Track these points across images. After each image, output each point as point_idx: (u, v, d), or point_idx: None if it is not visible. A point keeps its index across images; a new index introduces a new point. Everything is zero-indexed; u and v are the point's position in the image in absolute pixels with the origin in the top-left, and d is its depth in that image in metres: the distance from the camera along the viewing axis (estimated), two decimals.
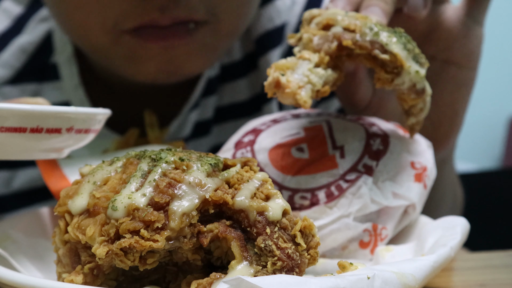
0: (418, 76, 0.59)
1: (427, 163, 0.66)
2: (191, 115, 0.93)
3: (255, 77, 0.95)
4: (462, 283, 0.62)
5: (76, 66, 0.90)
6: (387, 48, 0.58)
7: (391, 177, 0.63)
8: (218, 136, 0.95)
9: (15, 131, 0.53)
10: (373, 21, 0.60)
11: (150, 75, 0.78)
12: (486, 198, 2.29)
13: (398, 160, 0.64)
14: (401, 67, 0.58)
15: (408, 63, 0.58)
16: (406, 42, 0.59)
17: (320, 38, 0.59)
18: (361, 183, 0.62)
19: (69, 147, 0.60)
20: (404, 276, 0.46)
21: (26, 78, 0.90)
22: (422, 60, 0.60)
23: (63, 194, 0.51)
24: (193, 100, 0.91)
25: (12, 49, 0.90)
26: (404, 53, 0.58)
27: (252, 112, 0.96)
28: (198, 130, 0.94)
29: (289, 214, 0.48)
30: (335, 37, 0.59)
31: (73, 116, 0.56)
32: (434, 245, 0.56)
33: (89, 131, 0.59)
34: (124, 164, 0.52)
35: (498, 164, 2.96)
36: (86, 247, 0.49)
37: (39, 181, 0.90)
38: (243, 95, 0.96)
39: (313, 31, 0.60)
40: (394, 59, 0.58)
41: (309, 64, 0.58)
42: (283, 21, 0.94)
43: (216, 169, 0.50)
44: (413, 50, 0.60)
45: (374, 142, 0.64)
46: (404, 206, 0.63)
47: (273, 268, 0.46)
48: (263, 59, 0.94)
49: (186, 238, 0.47)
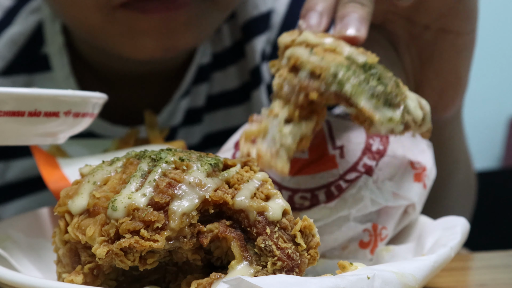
0: (392, 123, 0.54)
1: (427, 163, 0.66)
2: (182, 102, 0.93)
3: (243, 65, 0.96)
4: (462, 283, 0.62)
5: (67, 56, 0.91)
6: (352, 102, 0.53)
7: (391, 177, 0.63)
8: (210, 125, 0.96)
9: (13, 115, 0.53)
10: (344, 53, 0.56)
11: (147, 50, 0.78)
12: (486, 198, 2.28)
13: (398, 160, 0.64)
14: (370, 120, 0.54)
15: (377, 115, 0.53)
16: (375, 85, 0.54)
17: (288, 86, 0.56)
18: (361, 183, 0.62)
19: (65, 132, 0.60)
20: (404, 276, 0.46)
21: (18, 69, 0.90)
22: (397, 99, 0.55)
23: (63, 194, 0.51)
24: (184, 87, 0.92)
25: (3, 41, 0.90)
26: (372, 103, 0.53)
27: (242, 100, 0.97)
28: (190, 117, 0.95)
29: (289, 214, 0.48)
30: (302, 88, 0.55)
31: (70, 99, 0.56)
32: (434, 245, 0.56)
33: (85, 115, 0.59)
34: (124, 164, 0.52)
35: (498, 164, 2.96)
36: (86, 247, 0.49)
37: (33, 171, 0.90)
38: (233, 83, 0.97)
39: (282, 73, 0.57)
40: (361, 112, 0.54)
41: (279, 124, 0.54)
42: (268, 8, 0.94)
43: (216, 169, 0.50)
44: (384, 92, 0.54)
45: (373, 142, 0.64)
46: (404, 206, 0.63)
47: (273, 268, 0.46)
48: (249, 46, 0.95)
49: (186, 238, 0.47)
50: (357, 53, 0.57)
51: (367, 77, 0.54)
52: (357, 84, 0.53)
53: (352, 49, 0.57)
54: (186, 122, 0.95)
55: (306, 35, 0.58)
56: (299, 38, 0.58)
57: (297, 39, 0.58)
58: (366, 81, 0.54)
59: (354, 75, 0.54)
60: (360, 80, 0.54)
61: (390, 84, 0.55)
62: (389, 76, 0.56)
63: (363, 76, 0.54)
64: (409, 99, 0.57)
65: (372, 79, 0.54)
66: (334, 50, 0.56)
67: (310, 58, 0.55)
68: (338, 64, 0.54)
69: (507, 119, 2.93)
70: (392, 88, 0.55)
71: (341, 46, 0.57)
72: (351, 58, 0.55)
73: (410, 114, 0.56)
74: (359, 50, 0.57)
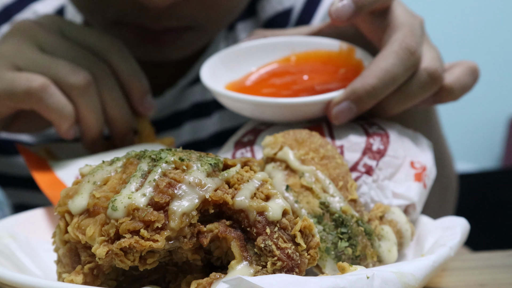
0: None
1: (427, 163, 0.66)
2: (189, 91, 0.94)
3: None
4: (462, 283, 0.62)
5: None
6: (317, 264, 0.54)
7: (391, 176, 0.63)
8: (220, 122, 0.96)
9: None
10: (320, 196, 0.56)
11: (140, 57, 0.82)
12: (486, 198, 2.29)
13: (398, 160, 0.64)
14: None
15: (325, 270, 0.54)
16: (343, 248, 0.54)
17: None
18: (361, 182, 0.62)
19: None
20: (404, 276, 0.46)
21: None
22: (366, 261, 0.55)
23: (63, 194, 0.51)
24: (191, 75, 0.93)
25: (27, 14, 0.95)
26: (335, 265, 0.54)
27: None
28: (198, 110, 0.95)
29: (289, 214, 0.48)
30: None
31: None
32: (434, 245, 0.56)
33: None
34: (124, 164, 0.52)
35: (498, 164, 2.96)
36: (86, 247, 0.49)
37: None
38: None
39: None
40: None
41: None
42: (291, 3, 0.95)
43: (216, 169, 0.50)
44: (353, 255, 0.55)
45: (374, 142, 0.64)
46: (404, 205, 0.63)
47: (273, 268, 0.46)
48: None
49: (186, 238, 0.47)
50: (333, 191, 0.57)
51: (337, 235, 0.55)
52: (324, 249, 0.54)
53: (331, 186, 0.57)
54: (194, 115, 0.95)
55: (287, 153, 0.59)
56: (280, 153, 0.59)
57: (278, 154, 0.59)
58: (334, 245, 0.55)
59: (324, 231, 0.55)
60: (327, 245, 0.54)
61: (361, 245, 0.55)
62: (361, 232, 0.56)
63: (334, 233, 0.55)
64: (382, 246, 0.57)
65: (341, 241, 0.55)
66: (311, 189, 0.57)
67: (284, 194, 0.56)
68: (312, 215, 0.55)
69: (507, 119, 2.93)
70: (361, 250, 0.55)
71: (318, 185, 0.57)
72: (326, 204, 0.56)
73: (382, 262, 0.56)
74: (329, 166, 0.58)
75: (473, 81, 0.70)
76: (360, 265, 0.51)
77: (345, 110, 0.65)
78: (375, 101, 0.65)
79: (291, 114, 0.67)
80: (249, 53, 0.74)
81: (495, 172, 2.57)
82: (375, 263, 0.56)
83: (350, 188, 0.58)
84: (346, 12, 0.67)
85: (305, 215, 0.54)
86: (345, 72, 0.71)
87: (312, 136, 0.61)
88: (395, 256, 0.57)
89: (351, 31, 0.73)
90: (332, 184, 0.57)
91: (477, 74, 0.70)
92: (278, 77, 0.72)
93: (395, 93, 0.66)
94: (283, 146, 0.59)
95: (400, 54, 0.64)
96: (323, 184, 0.57)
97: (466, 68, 0.69)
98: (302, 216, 0.54)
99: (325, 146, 0.60)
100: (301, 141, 0.60)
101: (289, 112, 0.66)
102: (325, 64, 0.72)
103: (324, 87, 0.69)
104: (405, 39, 0.65)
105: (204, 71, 0.71)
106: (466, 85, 0.69)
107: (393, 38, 0.66)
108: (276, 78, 0.72)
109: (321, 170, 0.58)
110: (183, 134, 0.95)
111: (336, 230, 0.55)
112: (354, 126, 0.67)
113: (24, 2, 0.96)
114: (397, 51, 0.65)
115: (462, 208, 1.13)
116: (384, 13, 0.68)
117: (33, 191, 0.95)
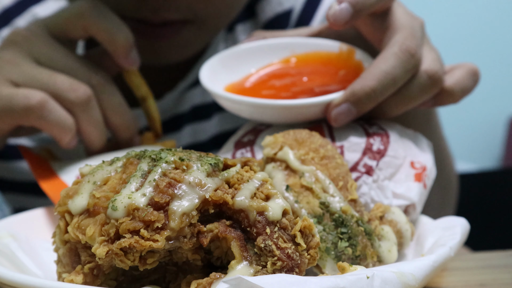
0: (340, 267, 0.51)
1: (427, 163, 0.66)
2: (190, 93, 0.94)
3: None
4: (462, 283, 0.62)
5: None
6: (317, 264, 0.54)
7: (391, 176, 0.63)
8: (220, 125, 0.96)
9: None
10: (320, 195, 0.56)
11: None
12: (486, 198, 2.29)
13: (398, 160, 0.64)
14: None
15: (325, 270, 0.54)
16: (343, 248, 0.54)
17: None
18: (361, 182, 0.62)
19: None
20: (404, 276, 0.46)
21: None
22: (366, 261, 0.56)
23: (63, 194, 0.51)
24: (191, 78, 0.93)
25: (26, 17, 0.94)
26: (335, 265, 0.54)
27: None
28: (198, 113, 0.95)
29: (289, 214, 0.48)
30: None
31: None
32: (434, 245, 0.56)
33: None
34: (124, 164, 0.52)
35: (498, 164, 2.96)
36: (86, 247, 0.49)
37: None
38: None
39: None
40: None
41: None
42: (291, 4, 0.95)
43: (216, 169, 0.50)
44: (353, 255, 0.55)
45: (374, 142, 0.64)
46: (404, 205, 0.63)
47: (273, 268, 0.46)
48: None
49: (186, 238, 0.47)
50: (333, 191, 0.57)
51: (337, 235, 0.55)
52: (324, 249, 0.54)
53: (331, 186, 0.57)
54: (194, 118, 0.95)
55: (287, 153, 0.59)
56: (280, 153, 0.59)
57: (278, 154, 0.59)
58: (334, 245, 0.55)
59: (324, 231, 0.55)
60: (327, 245, 0.54)
61: (361, 245, 0.55)
62: (361, 232, 0.56)
63: (334, 233, 0.55)
64: (381, 246, 0.57)
65: (341, 241, 0.55)
66: (311, 189, 0.57)
67: (284, 194, 0.56)
68: (312, 215, 0.55)
69: (507, 119, 2.93)
70: (361, 250, 0.55)
71: (318, 185, 0.57)
72: (326, 204, 0.56)
73: (382, 262, 0.56)
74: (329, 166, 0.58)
75: (474, 84, 0.69)
76: (360, 265, 0.51)
77: (345, 112, 0.65)
78: (374, 103, 0.65)
79: (290, 116, 0.67)
80: (248, 54, 0.74)
81: (495, 172, 2.57)
82: (375, 263, 0.56)
83: (350, 188, 0.58)
84: (344, 16, 0.66)
85: (305, 215, 0.54)
86: (345, 73, 0.71)
87: (312, 136, 0.61)
88: (395, 256, 0.57)
89: (351, 33, 0.73)
90: (332, 184, 0.57)
91: (477, 76, 0.69)
92: (278, 79, 0.72)
93: (395, 95, 0.66)
94: (283, 146, 0.59)
95: (400, 56, 0.64)
96: (323, 184, 0.57)
97: (467, 71, 0.69)
98: (302, 216, 0.54)
99: (325, 146, 0.60)
100: (301, 141, 0.60)
101: (288, 114, 0.66)
102: (325, 65, 0.72)
103: (323, 89, 0.69)
104: (405, 41, 0.65)
105: (203, 72, 0.71)
106: (467, 88, 0.69)
107: (393, 40, 0.66)
108: (276, 80, 0.72)
109: (321, 170, 0.58)
110: (183, 137, 0.95)
111: (336, 230, 0.55)
112: (354, 126, 0.67)
113: (23, 5, 0.96)
114: (397, 53, 0.64)
115: (462, 208, 1.13)
116: (384, 14, 0.68)
117: (33, 196, 0.95)
